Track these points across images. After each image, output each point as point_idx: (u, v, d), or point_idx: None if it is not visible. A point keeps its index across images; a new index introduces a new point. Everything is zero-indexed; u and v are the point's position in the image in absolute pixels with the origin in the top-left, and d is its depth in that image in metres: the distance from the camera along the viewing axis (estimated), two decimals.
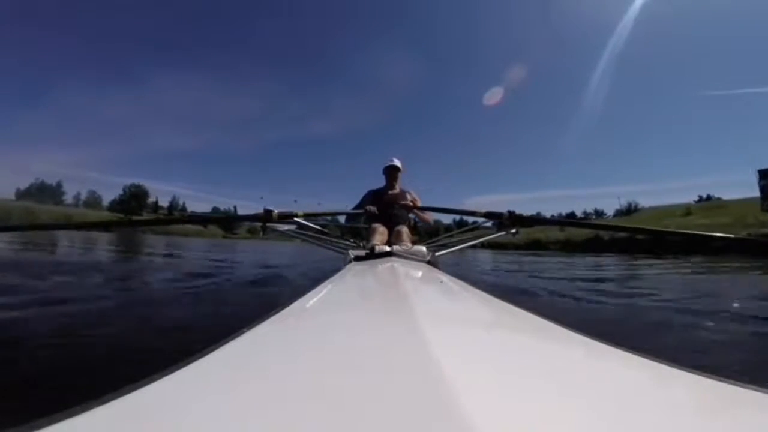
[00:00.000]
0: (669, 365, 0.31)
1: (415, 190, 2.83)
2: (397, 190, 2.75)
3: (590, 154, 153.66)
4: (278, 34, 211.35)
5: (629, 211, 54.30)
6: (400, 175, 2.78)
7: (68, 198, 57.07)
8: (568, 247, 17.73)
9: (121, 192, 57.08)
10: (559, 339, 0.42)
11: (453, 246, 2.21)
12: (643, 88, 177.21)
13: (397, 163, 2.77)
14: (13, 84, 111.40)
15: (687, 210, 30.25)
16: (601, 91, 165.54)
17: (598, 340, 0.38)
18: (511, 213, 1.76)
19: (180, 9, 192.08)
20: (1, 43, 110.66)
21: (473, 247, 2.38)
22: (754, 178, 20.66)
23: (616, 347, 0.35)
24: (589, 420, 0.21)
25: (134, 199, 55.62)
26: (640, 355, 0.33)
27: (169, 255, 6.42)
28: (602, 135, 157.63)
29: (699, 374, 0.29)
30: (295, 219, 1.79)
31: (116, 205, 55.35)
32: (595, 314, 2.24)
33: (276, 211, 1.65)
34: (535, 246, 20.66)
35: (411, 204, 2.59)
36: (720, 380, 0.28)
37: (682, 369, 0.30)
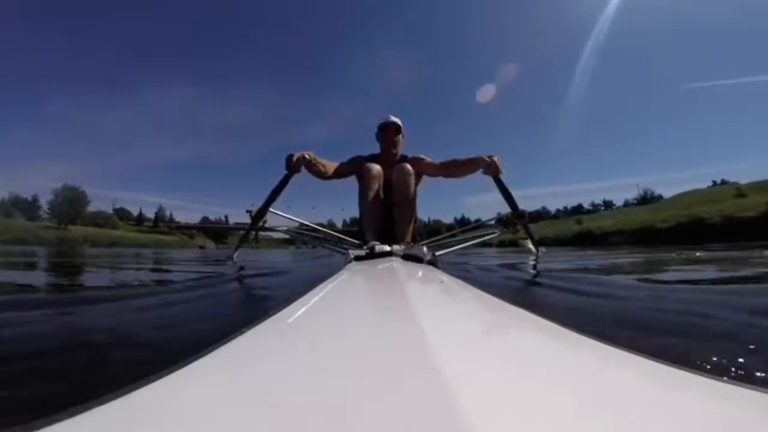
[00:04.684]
0: (670, 366, 0.31)
1: (428, 155, 2.04)
2: (397, 158, 1.96)
3: (594, 147, 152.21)
4: (270, 40, 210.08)
5: (646, 199, 50.12)
6: (401, 138, 1.98)
7: (45, 212, 50.99)
8: (646, 238, 12.43)
9: (52, 197, 48.84)
10: (560, 340, 0.42)
11: (454, 245, 2.18)
12: (639, 79, 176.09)
13: (395, 119, 1.96)
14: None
15: (738, 191, 25.68)
16: (583, 83, 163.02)
17: (600, 341, 0.38)
18: (531, 213, 1.94)
19: (170, 16, 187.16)
20: None
21: (477, 246, 2.40)
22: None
23: (617, 348, 0.36)
24: (590, 421, 0.22)
25: (69, 205, 47.97)
26: (641, 356, 0.34)
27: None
28: (602, 128, 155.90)
29: (702, 375, 0.30)
30: (291, 217, 2.03)
31: (46, 214, 47.81)
32: None
33: (255, 208, 1.87)
34: (590, 239, 15.30)
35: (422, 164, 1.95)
36: (721, 381, 0.29)
37: (683, 370, 0.31)
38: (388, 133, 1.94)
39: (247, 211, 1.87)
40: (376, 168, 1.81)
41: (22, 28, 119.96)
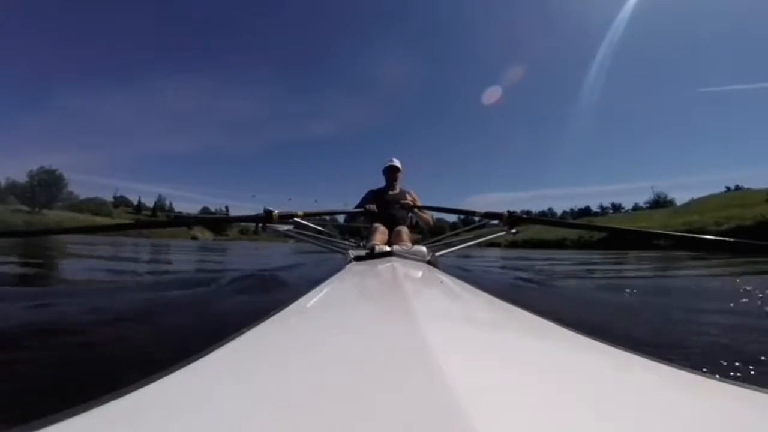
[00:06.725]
0: (671, 366, 0.32)
1: (414, 190, 2.99)
2: (397, 190, 2.88)
3: (600, 150, 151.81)
4: (277, 36, 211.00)
5: (659, 203, 48.12)
6: (400, 175, 2.92)
7: (43, 199, 49.15)
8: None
9: (26, 179, 46.31)
10: (560, 339, 0.43)
11: (455, 246, 2.28)
12: (654, 82, 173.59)
13: (396, 163, 2.91)
14: (11, 85, 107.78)
15: None
16: (593, 86, 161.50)
17: (599, 340, 0.39)
18: (510, 213, 1.86)
19: (179, 12, 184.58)
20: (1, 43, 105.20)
21: (479, 246, 2.39)
22: None
23: (616, 347, 0.36)
24: (590, 420, 0.22)
25: (43, 188, 45.78)
26: (640, 356, 0.34)
27: None
28: (607, 132, 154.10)
29: (702, 375, 0.30)
30: (295, 219, 1.86)
31: (16, 196, 45.13)
32: None
33: (276, 211, 1.75)
34: (620, 242, 13.27)
35: (411, 203, 2.75)
36: (721, 380, 0.30)
37: (683, 369, 0.31)
38: (391, 173, 2.87)
39: (265, 209, 1.78)
40: (381, 227, 2.43)
41: (33, 22, 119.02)
